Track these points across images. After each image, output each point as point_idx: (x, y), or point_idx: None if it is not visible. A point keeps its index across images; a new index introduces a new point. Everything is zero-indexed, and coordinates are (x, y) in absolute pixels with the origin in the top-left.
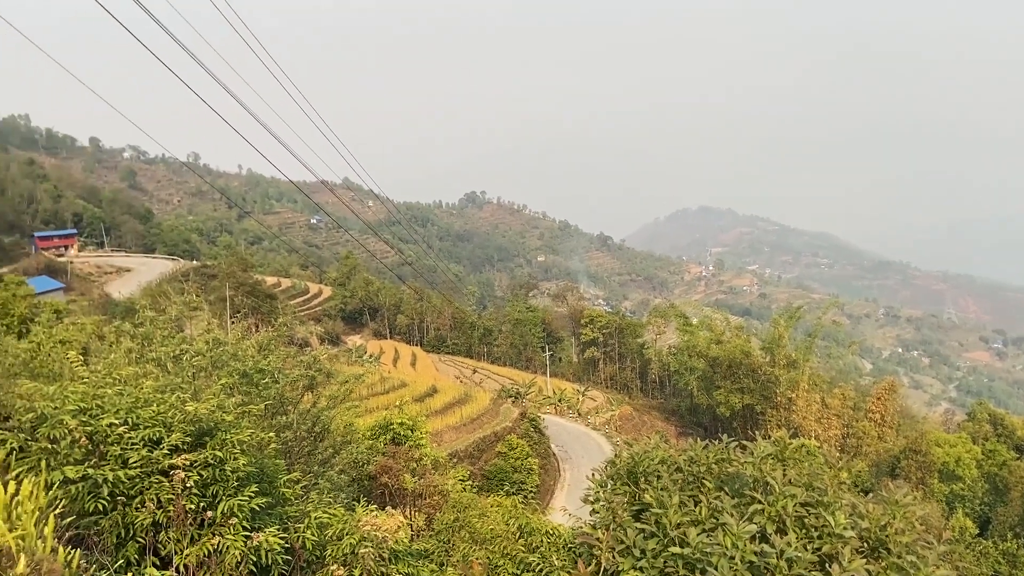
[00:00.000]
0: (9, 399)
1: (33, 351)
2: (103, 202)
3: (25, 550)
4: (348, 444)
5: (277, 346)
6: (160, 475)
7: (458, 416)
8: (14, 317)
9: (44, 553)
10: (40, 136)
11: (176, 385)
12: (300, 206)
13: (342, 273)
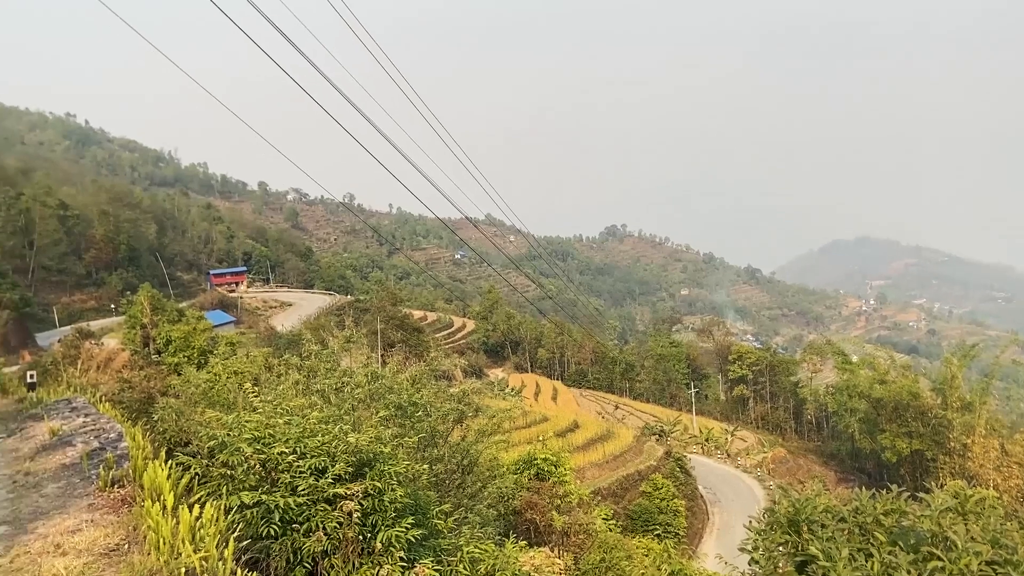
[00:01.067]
0: (191, 425)
1: (211, 381)
2: (269, 241)
3: (208, 571)
4: (494, 478)
5: (429, 380)
6: (325, 503)
7: (600, 453)
8: (195, 349)
9: (225, 574)
10: (216, 182)
11: (338, 416)
12: (445, 242)
13: (485, 307)
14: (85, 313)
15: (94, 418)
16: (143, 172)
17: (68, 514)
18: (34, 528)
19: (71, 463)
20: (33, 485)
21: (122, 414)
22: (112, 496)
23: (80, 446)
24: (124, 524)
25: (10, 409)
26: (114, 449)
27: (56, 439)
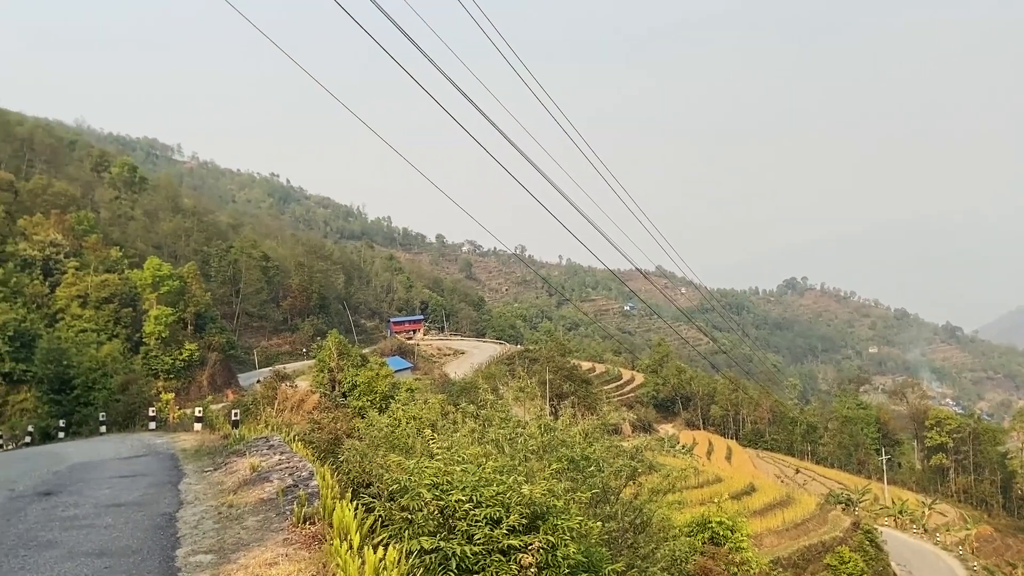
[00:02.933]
0: (373, 468)
1: (392, 425)
2: (445, 291)
3: None
4: (667, 539)
5: (601, 434)
6: (500, 554)
7: (779, 519)
8: (377, 394)
9: None
10: (398, 235)
11: (512, 467)
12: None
13: (654, 360)
14: (280, 356)
15: (288, 456)
16: (334, 226)
17: (266, 547)
18: (236, 559)
19: (268, 498)
20: (236, 517)
21: (312, 453)
22: (304, 532)
23: (276, 482)
24: (315, 560)
25: (216, 444)
26: (306, 487)
27: (256, 474)
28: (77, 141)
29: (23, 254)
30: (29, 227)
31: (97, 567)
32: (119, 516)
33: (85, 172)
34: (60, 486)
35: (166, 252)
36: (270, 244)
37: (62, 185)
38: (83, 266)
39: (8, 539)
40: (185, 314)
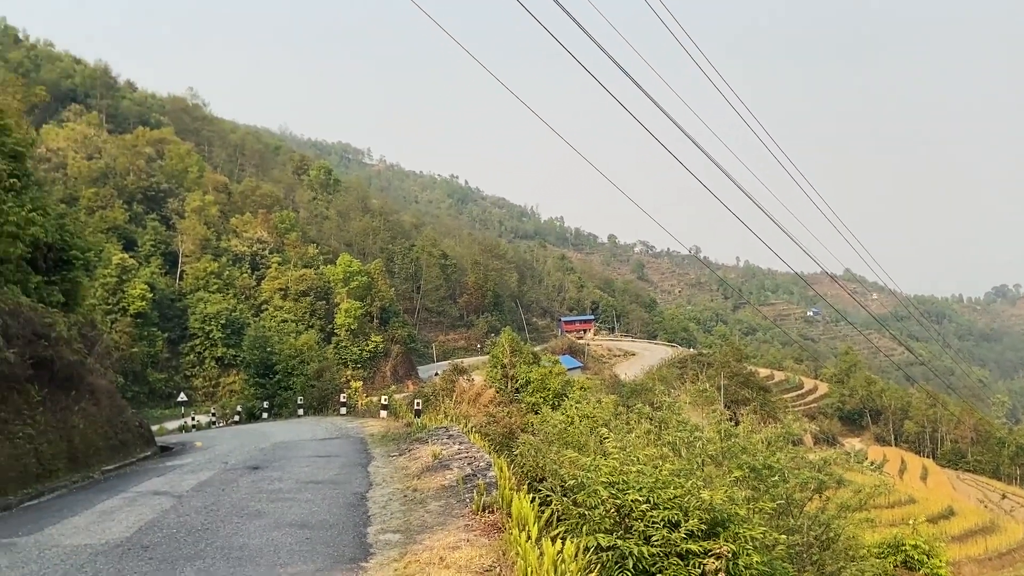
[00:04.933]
0: (547, 463)
1: (566, 422)
2: (616, 291)
3: None
4: (854, 559)
5: (785, 444)
6: (677, 557)
7: (982, 547)
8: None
9: None
10: (570, 235)
11: (689, 471)
12: (796, 298)
13: (840, 369)
14: (456, 351)
15: (467, 447)
16: (508, 226)
17: (448, 531)
18: (421, 539)
19: (449, 485)
20: (420, 501)
21: (488, 445)
22: (483, 520)
23: (456, 470)
24: (494, 548)
25: (401, 431)
26: (484, 477)
27: (437, 462)
28: (281, 147)
29: (234, 250)
30: (240, 225)
31: (299, 537)
32: (317, 492)
33: (287, 175)
34: (266, 462)
35: (356, 249)
36: (449, 243)
37: (268, 187)
38: (284, 261)
39: (224, 507)
40: (372, 308)
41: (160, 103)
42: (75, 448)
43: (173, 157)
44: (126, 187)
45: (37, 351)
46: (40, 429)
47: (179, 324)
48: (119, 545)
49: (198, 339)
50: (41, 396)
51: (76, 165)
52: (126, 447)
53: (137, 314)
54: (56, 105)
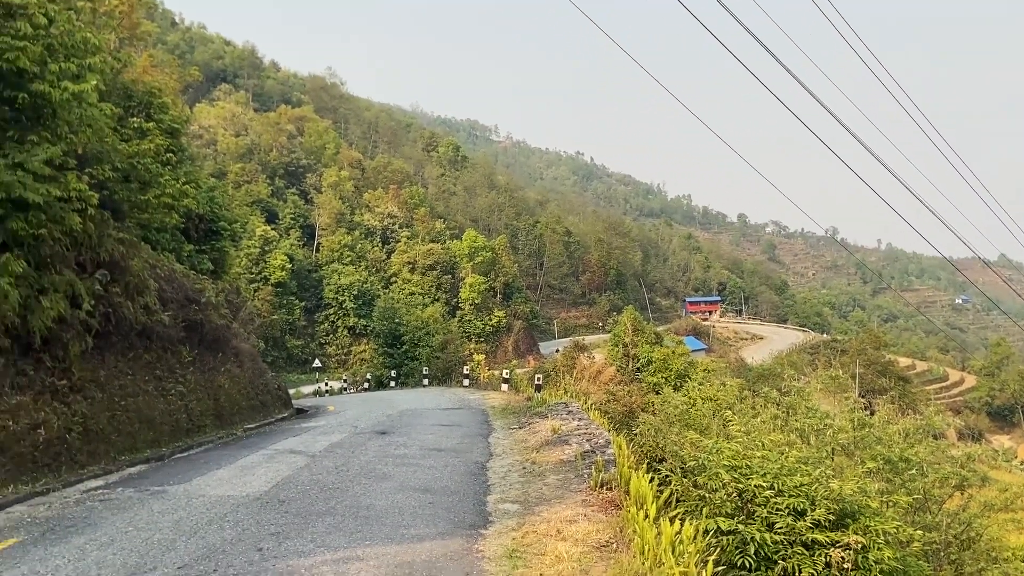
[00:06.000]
0: (667, 444)
1: (688, 403)
2: (744, 273)
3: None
4: (997, 561)
5: (925, 437)
6: (802, 547)
7: None
8: (672, 371)
9: None
10: (697, 213)
11: (818, 459)
12: (944, 284)
13: (991, 361)
14: (577, 328)
15: (586, 423)
16: (634, 204)
17: (565, 505)
18: (539, 511)
19: (567, 460)
20: (538, 474)
21: (607, 423)
22: (601, 496)
23: (575, 446)
24: (612, 524)
25: (521, 405)
26: (602, 453)
27: (556, 436)
28: (412, 124)
29: (367, 224)
30: (372, 200)
31: (423, 501)
32: (440, 459)
33: (417, 151)
34: (392, 428)
35: (481, 225)
36: (572, 220)
37: (399, 163)
38: (413, 236)
39: (353, 468)
40: (495, 283)
41: (301, 82)
42: (221, 406)
43: (312, 134)
44: (269, 163)
45: (189, 315)
46: (190, 387)
47: (315, 294)
48: (258, 498)
49: (332, 309)
50: (191, 357)
51: (225, 141)
52: (266, 407)
53: (277, 283)
54: (208, 85)
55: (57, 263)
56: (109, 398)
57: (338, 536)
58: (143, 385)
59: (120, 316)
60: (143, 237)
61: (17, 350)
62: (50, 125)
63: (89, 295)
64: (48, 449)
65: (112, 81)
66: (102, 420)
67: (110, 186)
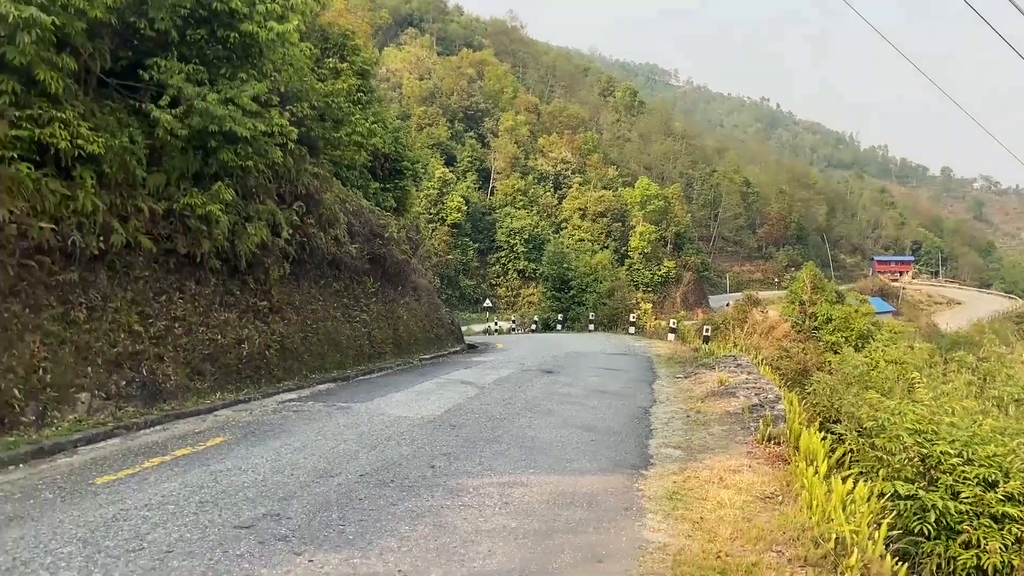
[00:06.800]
0: (843, 404)
1: (870, 365)
2: (943, 232)
3: (857, 545)
4: None
5: None
6: (989, 519)
7: None
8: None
9: (873, 556)
10: (894, 165)
11: (1018, 430)
12: None
13: None
14: (751, 283)
15: (755, 377)
16: (821, 154)
17: (729, 455)
18: (702, 459)
19: (733, 412)
20: (702, 423)
21: (779, 379)
22: (768, 450)
23: (742, 398)
24: (778, 478)
25: (687, 355)
26: (771, 408)
27: (723, 388)
28: (589, 68)
29: (540, 169)
30: (547, 145)
31: (585, 438)
32: (603, 401)
33: (593, 96)
34: (558, 368)
35: (655, 173)
36: (752, 170)
37: (575, 108)
38: (585, 182)
39: (519, 402)
40: (666, 233)
41: (483, 26)
42: (399, 336)
43: (491, 78)
44: (449, 106)
45: (374, 248)
46: (373, 316)
47: (488, 236)
48: (431, 421)
49: (503, 251)
50: (375, 288)
51: (409, 85)
52: (440, 340)
53: (453, 224)
54: (396, 28)
55: (260, 193)
56: (303, 321)
57: (503, 462)
58: (332, 311)
59: (314, 246)
60: (334, 173)
61: (225, 272)
62: (257, 64)
63: (288, 224)
64: (250, 363)
65: (311, 23)
66: (296, 340)
67: (307, 123)
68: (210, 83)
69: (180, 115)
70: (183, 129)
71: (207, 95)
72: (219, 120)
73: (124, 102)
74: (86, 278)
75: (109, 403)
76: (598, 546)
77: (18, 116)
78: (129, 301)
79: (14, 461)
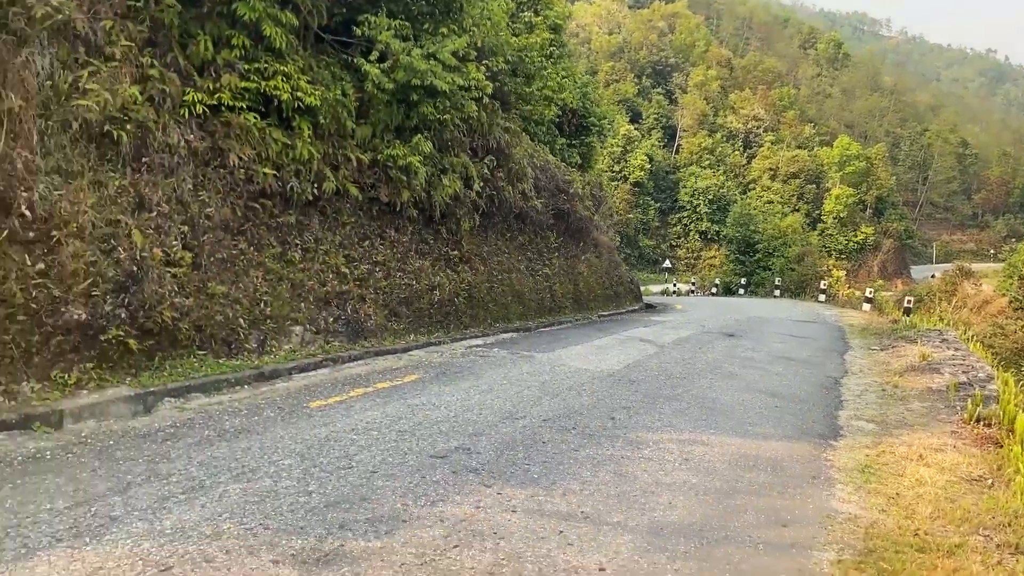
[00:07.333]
0: None
1: None
2: None
3: None
4: None
5: None
6: None
7: None
8: None
9: None
10: None
11: None
12: None
13: None
14: (962, 254)
15: (963, 354)
16: None
17: (931, 433)
18: (898, 434)
19: (936, 388)
20: (900, 398)
21: (992, 358)
22: (976, 431)
23: (947, 376)
24: (987, 460)
25: (884, 327)
26: (982, 388)
27: (925, 363)
28: (789, 19)
29: (729, 126)
30: (737, 102)
31: (769, 404)
32: (788, 368)
33: (792, 49)
34: (740, 332)
35: (856, 132)
36: (971, 129)
37: (771, 62)
38: (777, 141)
39: (699, 363)
40: (866, 196)
41: None
42: (579, 291)
43: (683, 31)
44: (637, 61)
45: (558, 203)
46: (555, 271)
47: (670, 196)
48: (611, 375)
49: (686, 212)
50: (557, 243)
51: (598, 40)
52: (618, 298)
53: (635, 183)
54: None
55: (455, 147)
56: (489, 271)
57: (683, 420)
58: (516, 263)
59: (502, 199)
60: (523, 128)
61: (421, 221)
62: (457, 18)
63: (479, 177)
64: (440, 308)
65: None
66: (482, 290)
67: (500, 77)
68: (414, 38)
69: (387, 70)
70: (389, 83)
71: (412, 50)
72: (421, 74)
73: (337, 57)
74: (301, 221)
75: (318, 337)
76: (782, 511)
77: (247, 69)
78: (337, 244)
79: (240, 382)
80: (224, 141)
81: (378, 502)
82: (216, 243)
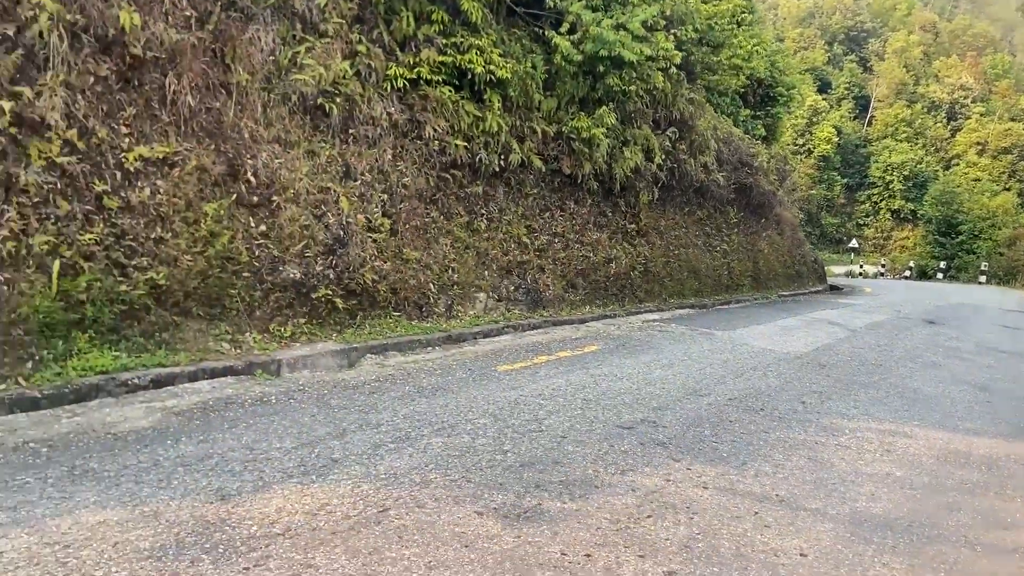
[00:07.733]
0: None
1: None
2: None
3: None
4: None
5: None
6: None
7: None
8: None
9: None
10: None
11: None
12: None
13: None
14: None
15: None
16: None
17: None
18: None
19: None
20: None
21: None
22: None
23: None
24: None
25: None
26: None
27: None
28: None
29: (932, 96)
30: (943, 69)
31: (978, 398)
32: (999, 360)
33: (1008, 11)
34: (942, 319)
35: None
36: None
37: (983, 26)
38: (988, 112)
39: (897, 350)
40: None
41: None
42: (759, 269)
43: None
44: (829, 27)
45: (740, 177)
46: (733, 247)
47: (859, 171)
48: (798, 357)
49: (876, 189)
50: (737, 218)
51: (787, 5)
52: (800, 278)
53: (821, 157)
54: None
55: (638, 118)
56: (666, 246)
57: (881, 409)
58: (694, 239)
59: (683, 172)
60: (707, 99)
61: (600, 193)
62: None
63: (660, 150)
64: (616, 281)
65: None
66: (659, 264)
67: (687, 47)
68: (604, 9)
69: (576, 41)
70: (577, 55)
71: (602, 20)
72: (610, 45)
73: (528, 29)
74: (487, 192)
75: (500, 304)
76: (1001, 512)
77: (444, 44)
78: (520, 215)
79: (431, 344)
80: (421, 114)
81: (570, 466)
82: (411, 211)
